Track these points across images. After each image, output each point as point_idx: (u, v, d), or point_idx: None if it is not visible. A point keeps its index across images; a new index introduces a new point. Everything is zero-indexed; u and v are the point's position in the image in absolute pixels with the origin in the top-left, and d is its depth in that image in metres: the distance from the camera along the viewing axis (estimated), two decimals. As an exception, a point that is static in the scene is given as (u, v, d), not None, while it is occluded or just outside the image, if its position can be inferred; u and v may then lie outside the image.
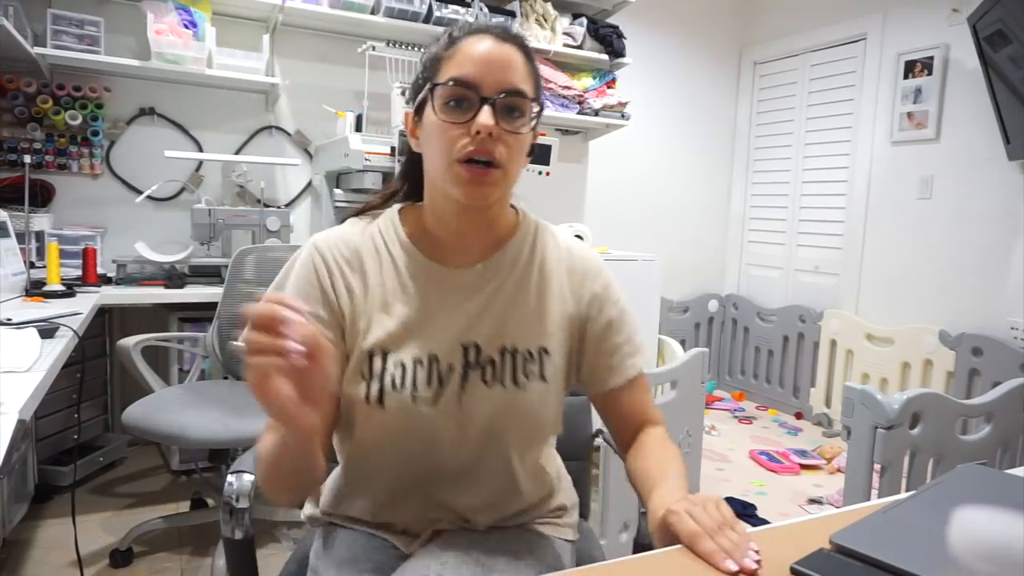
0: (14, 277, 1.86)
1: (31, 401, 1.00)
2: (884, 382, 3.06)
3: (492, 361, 0.82)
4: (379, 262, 0.83)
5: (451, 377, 0.80)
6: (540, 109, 0.82)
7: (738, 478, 2.62)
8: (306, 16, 2.57)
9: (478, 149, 0.75)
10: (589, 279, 0.90)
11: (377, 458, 0.83)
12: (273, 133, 2.80)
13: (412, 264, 0.83)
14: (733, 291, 3.99)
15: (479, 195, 0.77)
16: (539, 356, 0.84)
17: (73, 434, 2.22)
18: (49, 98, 2.38)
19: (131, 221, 2.55)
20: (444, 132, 0.76)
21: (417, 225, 0.86)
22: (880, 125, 3.19)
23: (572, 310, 0.88)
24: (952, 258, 2.91)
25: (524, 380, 0.82)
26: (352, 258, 0.83)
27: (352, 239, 0.84)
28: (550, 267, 0.88)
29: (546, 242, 0.90)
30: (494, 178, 0.77)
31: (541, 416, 0.84)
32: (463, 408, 0.81)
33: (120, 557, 1.84)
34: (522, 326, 0.84)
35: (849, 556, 0.61)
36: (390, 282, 0.83)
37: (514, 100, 0.78)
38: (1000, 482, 0.80)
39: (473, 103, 0.76)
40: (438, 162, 0.78)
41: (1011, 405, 1.73)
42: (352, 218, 0.89)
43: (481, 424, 0.81)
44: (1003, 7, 2.39)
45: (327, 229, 0.86)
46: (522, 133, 0.79)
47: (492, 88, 0.76)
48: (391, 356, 0.80)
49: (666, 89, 3.75)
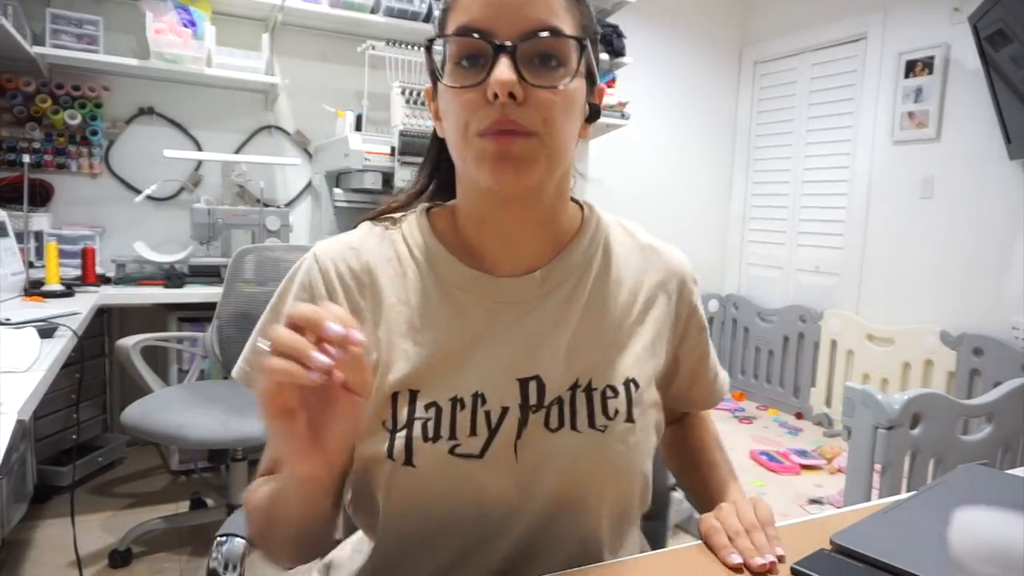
0: (13, 277, 1.86)
1: (30, 401, 0.99)
2: (885, 382, 3.06)
3: (560, 400, 0.62)
4: (402, 276, 0.65)
5: (504, 422, 0.61)
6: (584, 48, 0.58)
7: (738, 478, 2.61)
8: (306, 15, 2.57)
9: (498, 120, 0.55)
10: (688, 287, 0.72)
11: (409, 534, 0.62)
12: (273, 133, 2.80)
13: (447, 274, 0.64)
14: (733, 291, 3.99)
15: (510, 175, 0.57)
16: (625, 390, 0.64)
17: (72, 434, 2.22)
18: (48, 97, 2.38)
19: (130, 221, 2.55)
20: (456, 102, 0.58)
21: (450, 228, 0.67)
22: (881, 124, 3.19)
23: (666, 327, 0.70)
24: (953, 258, 2.90)
25: (606, 422, 0.63)
26: (362, 273, 0.65)
27: (364, 249, 0.66)
28: (633, 272, 0.69)
29: (623, 241, 0.71)
30: (527, 149, 0.57)
31: (631, 470, 0.64)
32: (522, 462, 0.60)
33: (119, 557, 1.84)
34: (600, 351, 0.65)
35: (849, 556, 0.60)
36: (416, 300, 0.64)
37: (544, 43, 0.56)
38: (1001, 482, 0.80)
39: (488, 57, 0.56)
40: (456, 142, 0.60)
41: (1012, 405, 1.72)
42: (366, 222, 0.70)
43: (549, 484, 0.61)
44: (1004, 7, 2.39)
45: (334, 236, 0.69)
46: (560, 86, 0.57)
47: (510, 31, 0.56)
48: (420, 397, 0.61)
49: (666, 88, 3.74)
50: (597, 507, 0.63)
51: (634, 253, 0.71)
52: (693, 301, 0.72)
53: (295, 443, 0.49)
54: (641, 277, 0.69)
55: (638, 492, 0.66)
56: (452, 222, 0.67)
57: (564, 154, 0.60)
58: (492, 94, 0.54)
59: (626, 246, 0.71)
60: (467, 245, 0.66)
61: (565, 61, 0.58)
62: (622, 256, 0.70)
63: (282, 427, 0.48)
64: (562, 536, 0.62)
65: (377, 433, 0.61)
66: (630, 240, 0.72)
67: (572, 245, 0.67)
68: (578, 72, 0.58)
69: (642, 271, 0.70)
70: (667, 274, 0.71)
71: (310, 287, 0.64)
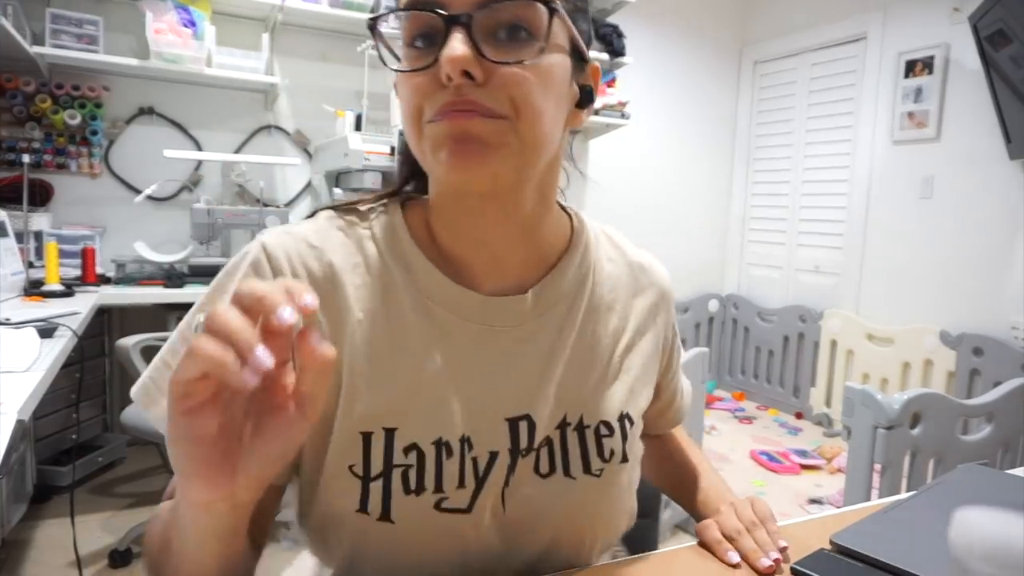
0: (13, 277, 1.86)
1: (30, 401, 0.99)
2: (884, 382, 3.06)
3: (549, 441, 0.55)
4: (372, 286, 0.53)
5: (493, 470, 0.53)
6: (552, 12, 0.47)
7: (738, 478, 2.62)
8: (306, 15, 2.57)
9: (453, 100, 0.46)
10: (671, 308, 0.67)
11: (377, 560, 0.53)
12: (272, 132, 2.80)
13: (428, 288, 0.54)
14: (733, 291, 3.99)
15: (472, 162, 0.47)
16: (620, 428, 0.58)
17: (72, 434, 2.21)
18: (48, 97, 2.38)
19: (130, 221, 2.55)
20: (406, 87, 0.49)
21: (422, 229, 0.57)
22: (881, 124, 3.19)
23: (655, 355, 0.64)
24: (953, 258, 2.90)
25: (602, 464, 0.56)
26: (324, 279, 0.52)
27: (326, 248, 0.53)
28: (623, 295, 0.62)
29: (613, 257, 0.64)
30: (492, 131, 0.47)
31: (624, 509, 0.60)
32: (510, 513, 0.54)
33: (119, 557, 1.84)
34: (592, 384, 0.58)
35: (849, 556, 0.60)
36: (391, 317, 0.53)
37: (506, 10, 0.46)
38: (1001, 482, 0.80)
39: (439, 32, 0.46)
40: (409, 134, 0.51)
41: (1012, 405, 1.72)
42: (327, 211, 0.57)
43: (540, 535, 0.55)
44: (1004, 6, 2.39)
45: (283, 226, 0.55)
46: (529, 63, 0.47)
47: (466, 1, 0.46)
48: (398, 437, 0.51)
49: (666, 88, 3.74)
50: (589, 549, 0.59)
51: (624, 272, 0.63)
52: (674, 323, 0.67)
53: (197, 454, 0.35)
54: (632, 300, 0.63)
55: (626, 523, 0.63)
56: (425, 223, 0.57)
57: (543, 143, 0.49)
58: (445, 75, 0.45)
59: (616, 264, 0.63)
60: (446, 252, 0.55)
61: (536, 32, 0.47)
62: (613, 276, 0.62)
63: (187, 429, 0.35)
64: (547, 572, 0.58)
65: (342, 479, 0.50)
66: (619, 256, 0.64)
67: (564, 262, 0.58)
68: (552, 44, 0.48)
69: (632, 293, 0.63)
70: (657, 296, 0.65)
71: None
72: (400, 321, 0.53)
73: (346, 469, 0.51)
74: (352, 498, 0.51)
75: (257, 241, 0.53)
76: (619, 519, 0.60)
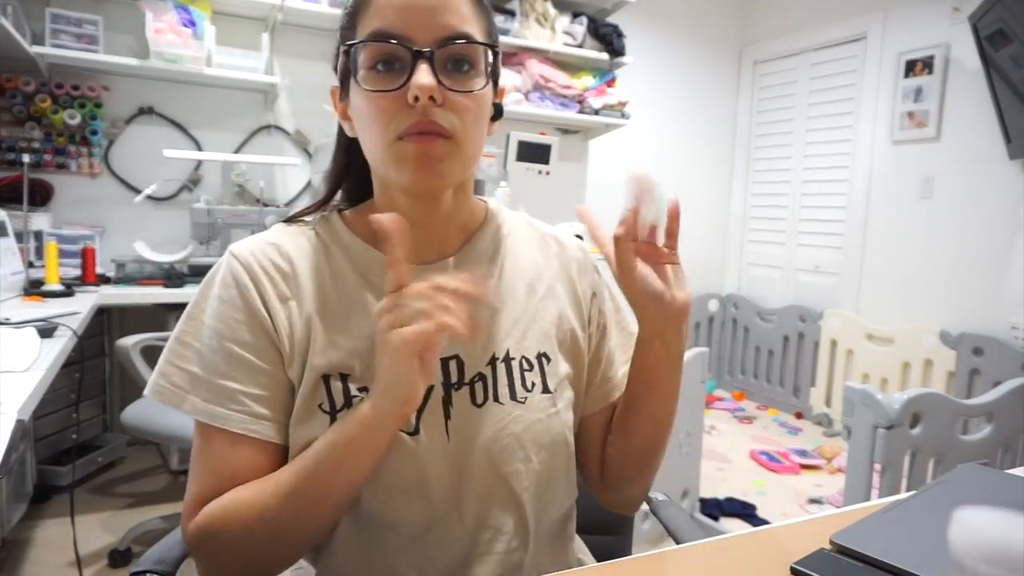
0: (13, 276, 1.86)
1: (30, 401, 1.00)
2: (884, 382, 3.06)
3: (481, 376, 0.66)
4: (320, 265, 0.66)
5: (430, 399, 0.64)
6: (496, 55, 0.64)
7: (738, 478, 2.62)
8: (306, 15, 2.57)
9: (419, 121, 0.59)
10: (588, 272, 0.77)
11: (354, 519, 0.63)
12: (272, 132, 2.80)
13: (366, 264, 0.67)
14: (733, 291, 3.99)
15: (431, 175, 0.61)
16: (539, 364, 0.69)
17: (72, 434, 2.22)
18: (48, 97, 2.38)
19: (130, 220, 2.55)
20: (374, 107, 0.60)
21: (362, 222, 0.69)
22: (881, 124, 3.19)
23: (571, 309, 0.74)
24: (953, 258, 2.90)
25: (525, 394, 0.67)
26: (284, 264, 0.65)
27: (282, 243, 0.67)
28: (535, 258, 0.74)
29: (526, 232, 0.77)
30: (445, 149, 0.60)
31: (554, 438, 0.68)
32: (454, 441, 0.64)
33: (119, 557, 1.84)
34: (513, 328, 0.69)
35: (849, 556, 0.60)
36: (337, 287, 0.66)
37: (460, 49, 0.60)
38: (1001, 482, 0.80)
39: (405, 62, 0.59)
40: (374, 146, 0.63)
41: (1012, 405, 1.73)
42: (279, 224, 0.71)
43: (480, 461, 0.64)
44: (1004, 6, 2.39)
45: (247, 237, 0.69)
46: (476, 91, 0.61)
47: (426, 37, 0.59)
48: (351, 380, 0.63)
49: (666, 88, 3.74)
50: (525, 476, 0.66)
51: (537, 242, 0.76)
52: (594, 283, 0.77)
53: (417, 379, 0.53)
54: (543, 261, 0.75)
55: (562, 466, 0.70)
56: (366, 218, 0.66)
57: (476, 154, 0.65)
58: (413, 97, 0.58)
59: (529, 237, 0.76)
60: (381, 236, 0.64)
61: (475, 65, 0.62)
62: (524, 245, 0.75)
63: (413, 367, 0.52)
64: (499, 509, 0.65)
65: (315, 416, 0.62)
66: (533, 232, 0.77)
67: (479, 234, 0.72)
68: (488, 76, 0.63)
69: (544, 256, 0.75)
70: (567, 260, 0.76)
71: (235, 283, 0.63)
72: (347, 291, 0.66)
73: (316, 407, 0.62)
74: (324, 428, 0.61)
75: (226, 252, 0.66)
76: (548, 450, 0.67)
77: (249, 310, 0.62)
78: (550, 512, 0.70)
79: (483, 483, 0.64)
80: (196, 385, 0.62)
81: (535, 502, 0.67)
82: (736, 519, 2.25)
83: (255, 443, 0.61)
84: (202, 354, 0.63)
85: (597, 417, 0.76)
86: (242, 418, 0.61)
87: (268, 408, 0.62)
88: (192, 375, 0.62)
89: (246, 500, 0.59)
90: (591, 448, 0.76)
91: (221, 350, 0.62)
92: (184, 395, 0.62)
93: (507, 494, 0.65)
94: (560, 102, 2.97)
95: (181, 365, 0.63)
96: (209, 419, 0.61)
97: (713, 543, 0.65)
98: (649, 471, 0.75)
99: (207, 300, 0.65)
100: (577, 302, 0.75)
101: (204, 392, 0.61)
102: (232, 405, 0.61)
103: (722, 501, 2.32)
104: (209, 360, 0.62)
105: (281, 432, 0.63)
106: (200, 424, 0.62)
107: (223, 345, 0.62)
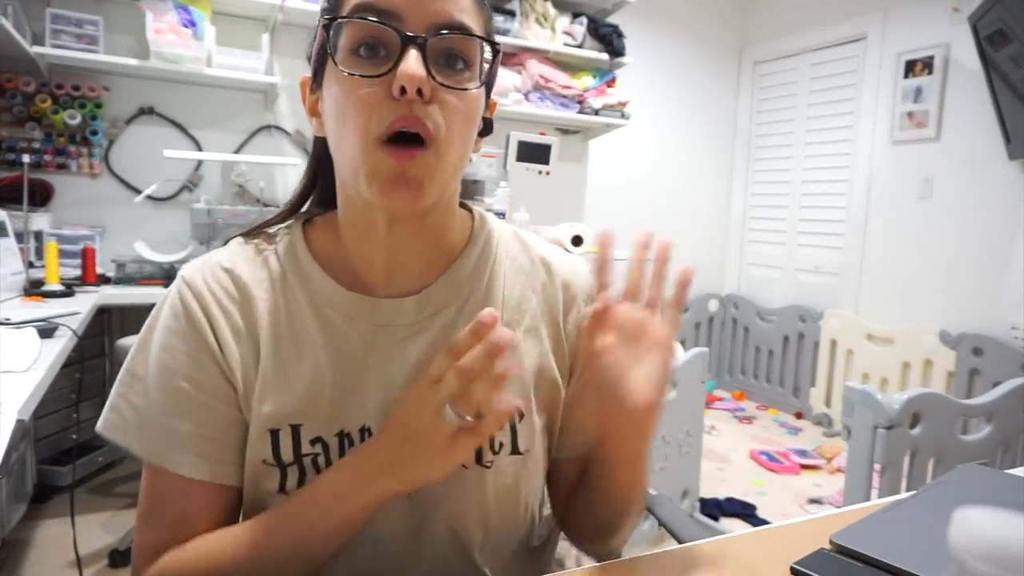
0: (13, 277, 1.86)
1: (30, 401, 0.99)
2: (884, 382, 3.06)
3: None
4: (276, 298, 0.59)
5: None
6: (496, 55, 0.56)
7: (738, 478, 2.62)
8: (306, 15, 2.57)
9: (402, 117, 0.50)
10: (576, 306, 0.67)
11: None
12: (272, 132, 2.80)
13: (324, 299, 0.59)
14: (733, 291, 3.99)
15: (405, 196, 0.52)
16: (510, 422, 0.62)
17: (72, 434, 2.22)
18: (48, 97, 2.38)
19: (130, 221, 2.55)
20: (351, 97, 0.51)
21: (330, 243, 0.62)
22: (880, 124, 3.19)
23: (553, 354, 0.65)
24: (953, 258, 2.90)
25: (491, 456, 0.60)
26: (238, 293, 0.59)
27: (236, 269, 0.60)
28: (518, 292, 0.64)
29: (515, 255, 0.66)
30: (424, 165, 0.52)
31: (517, 506, 0.62)
32: (415, 501, 0.58)
33: (119, 557, 1.84)
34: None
35: (849, 556, 0.60)
36: (292, 324, 0.58)
37: (455, 40, 0.52)
38: (1000, 482, 0.80)
39: (393, 48, 0.51)
40: (347, 147, 0.53)
41: (1011, 405, 1.73)
42: (237, 239, 0.63)
43: (439, 521, 0.59)
44: (1004, 6, 2.39)
45: (200, 256, 0.62)
46: (468, 89, 0.53)
47: (420, 21, 0.51)
48: (304, 432, 0.57)
49: (666, 88, 3.74)
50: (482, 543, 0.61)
51: (523, 270, 0.66)
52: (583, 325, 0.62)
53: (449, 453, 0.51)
54: (528, 295, 0.65)
55: (524, 529, 0.64)
56: (334, 236, 0.61)
57: (459, 168, 0.56)
58: (399, 88, 0.49)
59: (517, 261, 0.66)
60: (349, 262, 0.60)
61: (471, 64, 0.54)
62: (510, 273, 0.65)
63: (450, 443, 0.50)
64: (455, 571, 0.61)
65: (260, 468, 0.57)
66: (523, 254, 0.67)
67: (459, 262, 0.62)
68: (482, 79, 0.55)
69: (531, 287, 0.65)
70: (553, 292, 0.66)
71: (184, 313, 0.57)
72: (302, 328, 0.58)
73: (259, 463, 0.57)
74: (273, 482, 0.57)
75: (179, 276, 0.60)
76: (512, 514, 0.62)
77: (200, 344, 0.57)
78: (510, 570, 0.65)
79: (440, 546, 0.60)
80: (145, 424, 0.57)
81: (492, 562, 0.63)
82: (736, 519, 2.25)
83: (208, 487, 0.57)
84: (153, 389, 0.57)
85: (568, 464, 0.68)
86: (194, 461, 0.56)
87: (221, 449, 0.57)
88: (141, 412, 0.57)
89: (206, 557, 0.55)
90: (558, 492, 0.70)
91: (170, 387, 0.56)
92: (135, 432, 0.57)
93: (465, 562, 0.61)
94: (560, 102, 2.97)
95: (131, 399, 0.58)
96: (159, 461, 0.56)
97: (713, 543, 0.65)
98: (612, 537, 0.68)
99: (157, 328, 0.59)
100: (559, 345, 0.66)
101: (153, 431, 0.56)
102: (183, 447, 0.56)
103: (722, 501, 2.32)
104: (158, 398, 0.57)
105: (236, 473, 0.58)
106: (149, 465, 0.57)
107: (173, 383, 0.56)
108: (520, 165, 2.55)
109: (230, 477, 0.58)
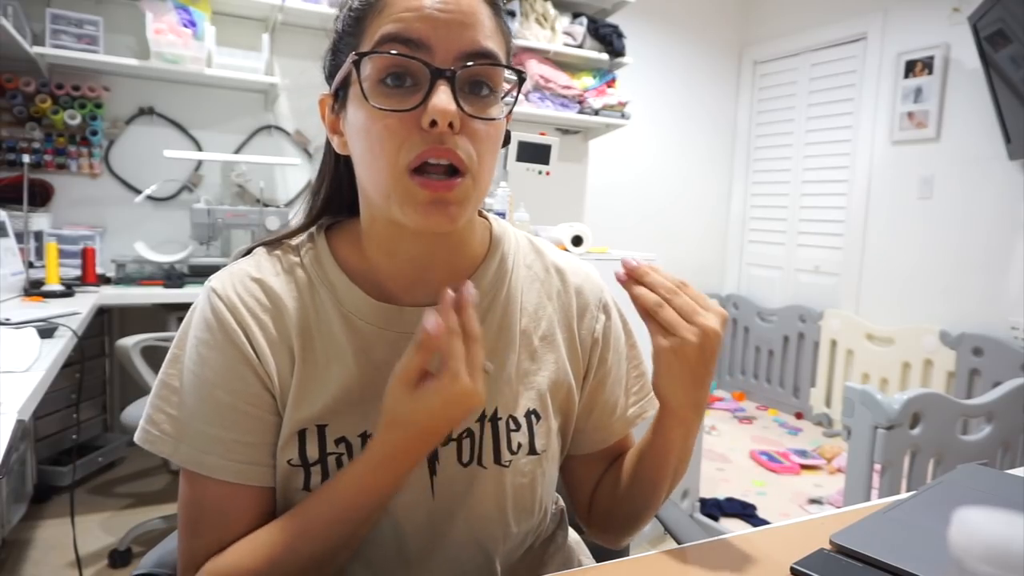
0: (13, 277, 1.86)
1: (30, 401, 0.99)
2: (884, 382, 3.06)
3: (470, 433, 0.62)
4: (305, 307, 0.61)
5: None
6: (521, 83, 0.57)
7: (738, 478, 2.62)
8: (306, 15, 2.57)
9: (433, 149, 0.52)
10: (590, 312, 0.69)
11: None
12: (272, 133, 2.80)
13: (350, 305, 0.61)
14: (733, 291, 3.99)
15: (443, 220, 0.54)
16: (527, 423, 0.64)
17: (72, 434, 2.22)
18: (48, 97, 2.38)
19: (130, 221, 2.55)
20: (379, 126, 0.53)
21: (353, 253, 0.63)
22: (880, 125, 3.19)
23: (569, 361, 0.67)
24: (953, 258, 2.90)
25: (510, 456, 0.63)
26: (270, 303, 0.60)
27: (266, 277, 0.61)
28: (535, 299, 0.67)
29: (531, 263, 0.69)
30: (462, 192, 0.53)
31: (532, 504, 0.65)
32: (438, 500, 0.61)
33: (119, 557, 1.84)
34: (504, 382, 0.63)
35: (849, 556, 0.60)
36: (322, 332, 0.60)
37: (482, 70, 0.53)
38: (1001, 482, 0.80)
39: (421, 79, 0.52)
40: (376, 174, 0.54)
41: (1012, 405, 1.73)
42: (261, 248, 0.65)
43: (459, 522, 0.61)
44: (1004, 7, 2.39)
45: (226, 268, 0.63)
46: (496, 119, 0.55)
47: (448, 53, 0.52)
48: (329, 432, 0.59)
49: (666, 88, 3.75)
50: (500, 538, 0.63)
51: (538, 278, 0.68)
52: (596, 330, 0.69)
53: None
54: (545, 302, 0.67)
55: (537, 524, 0.67)
56: (357, 247, 0.63)
57: (489, 187, 0.59)
58: (430, 122, 0.50)
59: (532, 269, 0.68)
60: (373, 273, 0.62)
61: (496, 89, 0.55)
62: (527, 281, 0.67)
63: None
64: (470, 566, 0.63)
65: (287, 469, 0.59)
66: (538, 262, 0.69)
67: (480, 270, 0.64)
68: (503, 100, 0.56)
69: (547, 295, 0.68)
70: (568, 299, 0.69)
71: (218, 326, 0.58)
72: (331, 335, 0.60)
73: (285, 463, 0.59)
74: (298, 480, 0.59)
75: (206, 287, 0.61)
76: (528, 511, 0.65)
77: (238, 355, 0.57)
78: (525, 561, 0.68)
79: (459, 545, 0.62)
80: (186, 433, 0.58)
81: (507, 559, 0.65)
82: (736, 519, 2.25)
83: (250, 490, 0.58)
84: (191, 401, 0.58)
85: (589, 460, 0.72)
86: (237, 467, 0.57)
87: (261, 453, 0.59)
88: (181, 422, 0.58)
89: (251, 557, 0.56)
90: (580, 489, 0.73)
91: (210, 399, 0.57)
92: (175, 443, 0.58)
93: (483, 560, 0.63)
94: (560, 102, 2.97)
95: (169, 411, 0.59)
96: (203, 469, 0.57)
97: (713, 543, 0.65)
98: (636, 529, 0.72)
99: (188, 341, 0.60)
100: (575, 352, 0.68)
101: (195, 440, 0.57)
102: (225, 454, 0.57)
103: (722, 501, 2.32)
104: (198, 408, 0.58)
105: (273, 474, 0.60)
106: (190, 473, 0.58)
107: (212, 394, 0.57)
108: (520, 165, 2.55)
109: (269, 479, 0.60)
